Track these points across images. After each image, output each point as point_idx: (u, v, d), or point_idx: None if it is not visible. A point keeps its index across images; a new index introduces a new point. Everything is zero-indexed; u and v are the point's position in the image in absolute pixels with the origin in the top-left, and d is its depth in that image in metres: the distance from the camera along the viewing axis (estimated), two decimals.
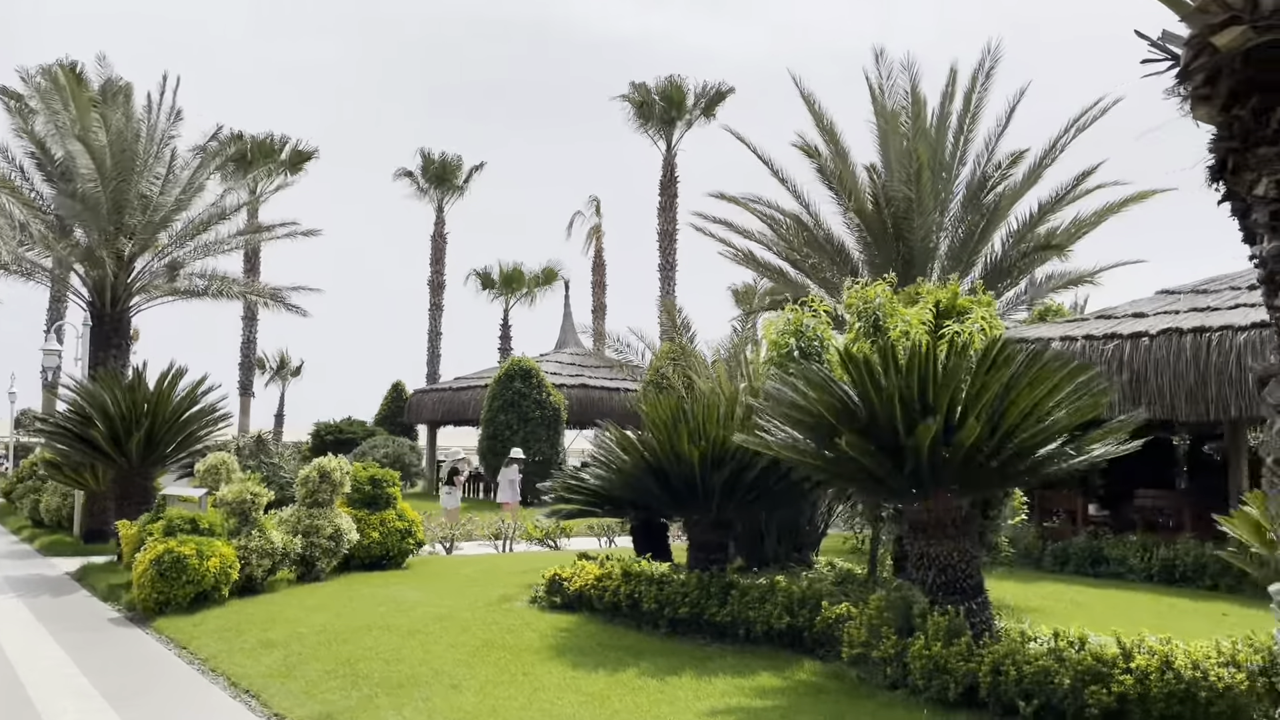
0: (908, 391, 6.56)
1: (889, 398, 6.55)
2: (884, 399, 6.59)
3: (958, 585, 7.19)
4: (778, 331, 9.68)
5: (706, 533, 9.30)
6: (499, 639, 8.58)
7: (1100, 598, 11.36)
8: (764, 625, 8.31)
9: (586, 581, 9.74)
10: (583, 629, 9.04)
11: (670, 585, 9.01)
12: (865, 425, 6.77)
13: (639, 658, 7.98)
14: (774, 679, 7.36)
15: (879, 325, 9.18)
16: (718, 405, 8.84)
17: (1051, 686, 6.14)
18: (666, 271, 43.02)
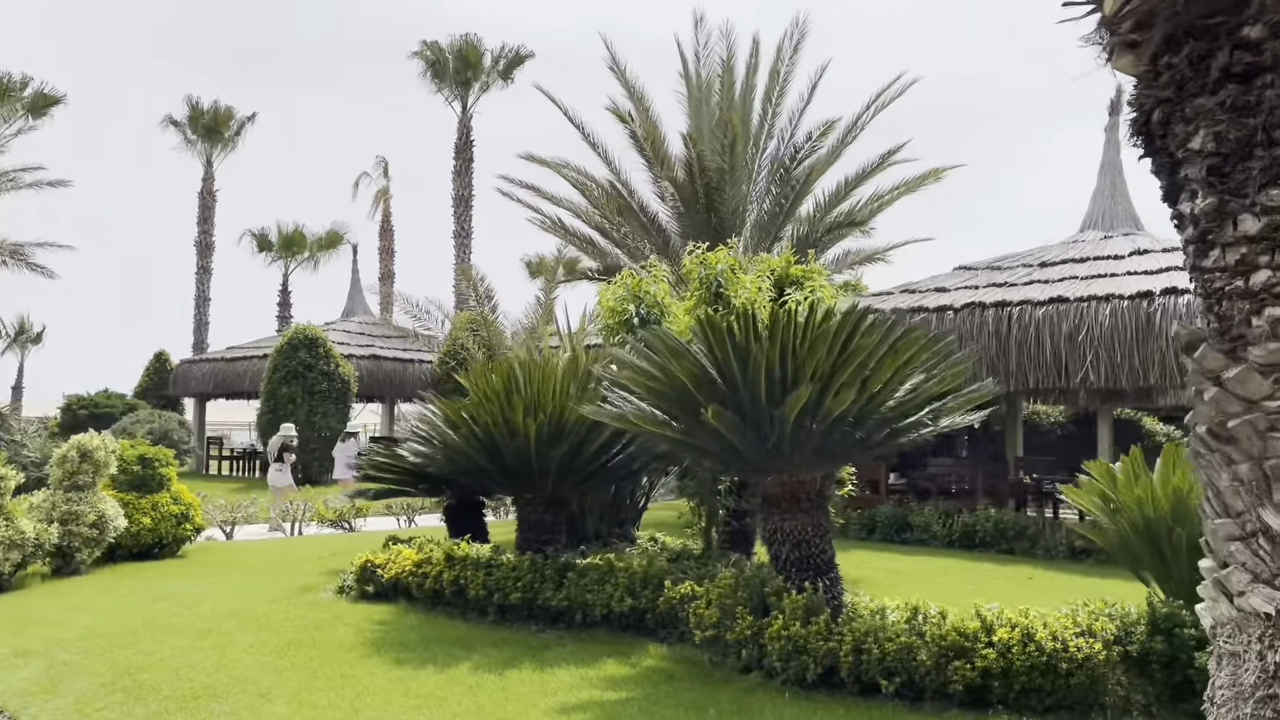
0: (775, 360, 6.18)
1: (756, 367, 6.16)
2: (751, 368, 6.19)
3: (811, 561, 6.94)
4: (616, 298, 9.14)
5: (540, 512, 8.68)
6: (307, 637, 7.64)
7: (914, 565, 11.60)
8: (604, 608, 7.80)
9: (404, 568, 8.91)
10: (402, 620, 8.23)
11: (499, 569, 8.35)
12: (729, 396, 6.35)
13: (470, 650, 7.29)
14: (620, 666, 6.87)
15: (720, 293, 8.82)
16: (554, 374, 8.21)
17: (914, 664, 5.97)
18: (462, 239, 41.62)
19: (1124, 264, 14.06)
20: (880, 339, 6.47)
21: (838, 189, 18.89)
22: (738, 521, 9.97)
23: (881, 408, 6.39)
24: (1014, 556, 12.73)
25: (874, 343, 6.42)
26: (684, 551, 9.26)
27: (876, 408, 6.39)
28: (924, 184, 18.98)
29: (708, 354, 6.53)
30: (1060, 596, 9.96)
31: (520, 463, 8.26)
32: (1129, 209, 16.57)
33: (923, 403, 6.47)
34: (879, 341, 6.47)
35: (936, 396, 6.68)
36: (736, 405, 6.37)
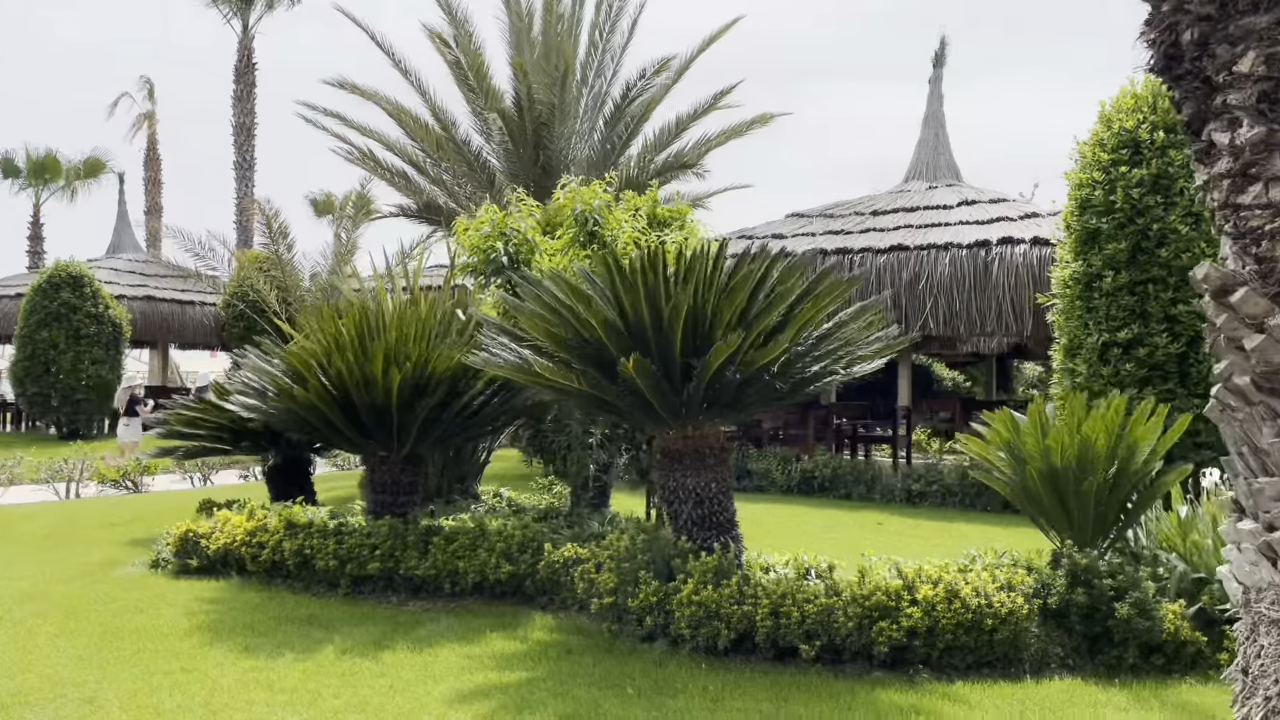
0: (692, 305, 5.61)
1: (675, 312, 5.57)
2: (668, 314, 5.60)
3: (715, 519, 6.49)
4: (480, 235, 8.26)
5: (396, 471, 7.79)
6: (128, 623, 6.51)
7: (764, 512, 11.45)
8: (477, 576, 7.08)
9: (234, 538, 7.82)
10: (239, 599, 7.19)
11: (352, 536, 7.44)
12: (641, 344, 5.74)
13: (330, 631, 6.41)
14: (509, 641, 6.21)
15: (594, 232, 8.13)
16: (418, 320, 7.30)
17: (836, 626, 5.64)
18: (244, 170, 38.51)
19: (954, 214, 14.39)
20: (797, 282, 6.04)
21: (667, 129, 18.45)
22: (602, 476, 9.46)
23: (807, 356, 5.96)
24: (853, 501, 12.90)
25: (794, 286, 5.99)
26: (550, 510, 8.63)
27: (802, 356, 5.96)
28: (751, 129, 18.85)
29: (612, 299, 5.88)
30: (914, 540, 10.08)
31: (378, 418, 7.34)
32: (950, 160, 17.04)
33: (839, 349, 6.09)
34: (797, 285, 6.04)
35: (849, 342, 6.33)
36: (649, 355, 5.77)
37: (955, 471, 12.74)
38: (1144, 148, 10.42)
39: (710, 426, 6.45)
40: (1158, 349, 10.00)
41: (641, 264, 5.66)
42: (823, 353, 6.04)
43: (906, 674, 5.59)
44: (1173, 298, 10.02)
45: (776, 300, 5.77)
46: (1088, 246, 10.62)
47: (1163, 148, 10.34)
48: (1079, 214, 10.78)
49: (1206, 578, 6.09)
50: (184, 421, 9.53)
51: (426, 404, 7.17)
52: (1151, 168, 10.27)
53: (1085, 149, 11.00)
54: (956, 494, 12.66)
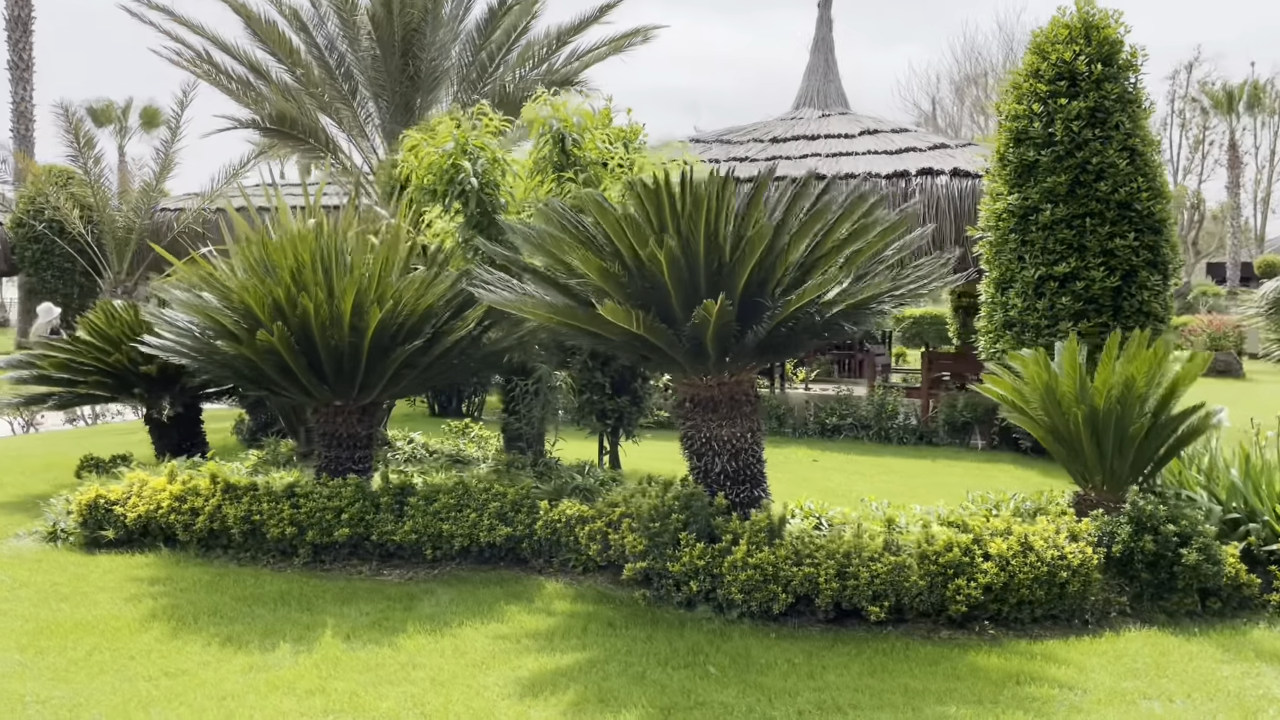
0: (770, 240, 4.99)
1: (750, 247, 4.93)
2: (743, 249, 4.94)
3: (749, 472, 5.97)
4: (440, 153, 7.21)
5: (353, 423, 6.80)
6: (61, 615, 5.37)
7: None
8: (465, 540, 6.30)
9: (158, 504, 6.66)
10: (183, 577, 6.12)
11: (311, 499, 6.46)
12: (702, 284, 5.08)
13: (316, 612, 5.51)
14: (533, 616, 5.51)
15: (568, 154, 7.25)
16: (387, 250, 6.29)
17: (906, 585, 5.27)
18: (20, 72, 34.19)
19: (857, 143, 14.17)
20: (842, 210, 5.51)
21: (547, 40, 17.32)
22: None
23: (862, 291, 5.45)
24: (769, 435, 12.68)
25: (836, 216, 5.45)
26: (512, 461, 7.86)
27: (855, 290, 5.45)
28: (630, 43, 17.98)
29: (674, 232, 5.16)
30: (859, 477, 9.94)
31: (342, 363, 6.33)
32: (839, 88, 16.81)
33: (887, 283, 5.61)
34: (845, 214, 5.51)
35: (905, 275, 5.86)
36: (701, 295, 5.12)
37: (868, 405, 12.72)
38: (1081, 80, 10.41)
39: (747, 371, 5.88)
40: (1095, 283, 10.11)
41: (711, 194, 4.97)
42: (875, 286, 5.53)
43: (974, 631, 5.30)
44: (1110, 231, 10.13)
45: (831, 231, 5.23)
46: (1024, 179, 10.58)
47: (1099, 80, 10.35)
48: (1014, 146, 10.71)
49: (1239, 518, 6.09)
50: (57, 365, 8.10)
51: (406, 349, 6.22)
52: (1089, 100, 10.27)
53: (1019, 79, 10.90)
54: (870, 427, 12.66)
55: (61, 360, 8.06)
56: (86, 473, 8.27)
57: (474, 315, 6.46)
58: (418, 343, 6.22)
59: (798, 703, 4.35)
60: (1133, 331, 10.00)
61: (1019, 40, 44.77)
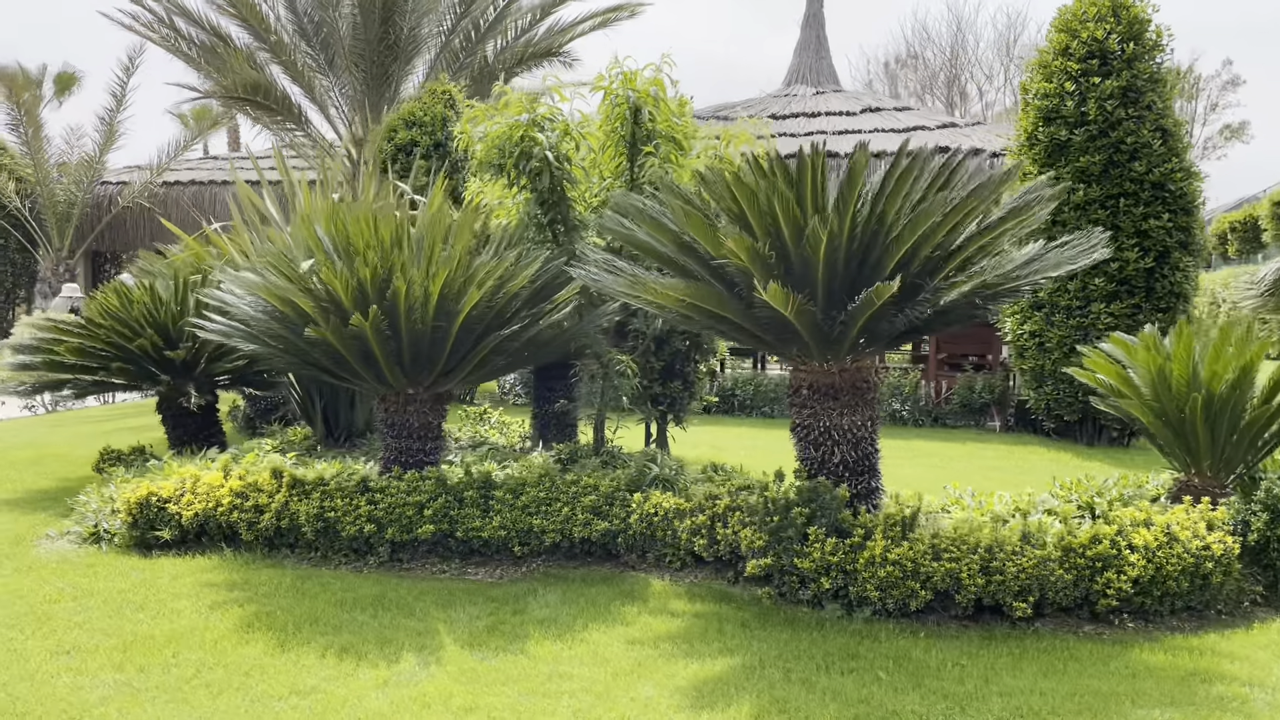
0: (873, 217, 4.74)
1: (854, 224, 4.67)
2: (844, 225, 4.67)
3: (867, 462, 5.71)
4: (510, 124, 6.73)
5: (425, 412, 6.36)
6: (146, 628, 4.88)
7: (734, 436, 10.78)
8: (557, 535, 5.94)
9: (217, 501, 6.16)
10: (257, 580, 5.64)
11: (389, 494, 6.03)
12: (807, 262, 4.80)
13: (419, 617, 5.11)
14: (654, 617, 5.19)
15: (641, 126, 6.84)
16: (466, 228, 5.84)
17: (1050, 580, 5.07)
18: None
19: (859, 120, 13.97)
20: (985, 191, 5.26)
21: (532, 11, 16.75)
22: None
23: (1021, 273, 5.22)
24: (776, 419, 12.50)
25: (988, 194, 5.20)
26: (579, 451, 7.48)
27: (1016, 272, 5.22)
28: (617, 17, 17.51)
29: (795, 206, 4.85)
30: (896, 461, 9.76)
31: (426, 349, 5.88)
32: (831, 66, 16.58)
33: (1049, 263, 5.39)
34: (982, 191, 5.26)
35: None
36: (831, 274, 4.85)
37: (884, 388, 12.60)
38: (1112, 59, 10.33)
39: (868, 357, 5.61)
40: (1129, 264, 10.07)
41: (856, 171, 4.68)
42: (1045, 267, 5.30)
43: (1113, 625, 5.14)
44: (1144, 212, 10.09)
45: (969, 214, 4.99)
46: (1054, 158, 10.49)
47: (1130, 59, 10.28)
48: (1044, 124, 10.61)
49: None
50: (75, 351, 7.48)
51: (500, 334, 5.81)
52: (1121, 79, 10.20)
53: (1047, 57, 10.78)
54: (881, 410, 12.53)
55: (79, 345, 7.44)
56: (110, 466, 7.68)
57: (564, 297, 6.06)
58: (515, 327, 5.81)
59: (992, 709, 4.11)
60: (1168, 314, 10.00)
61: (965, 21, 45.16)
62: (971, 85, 41.26)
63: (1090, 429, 10.82)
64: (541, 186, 6.80)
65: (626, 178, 7.03)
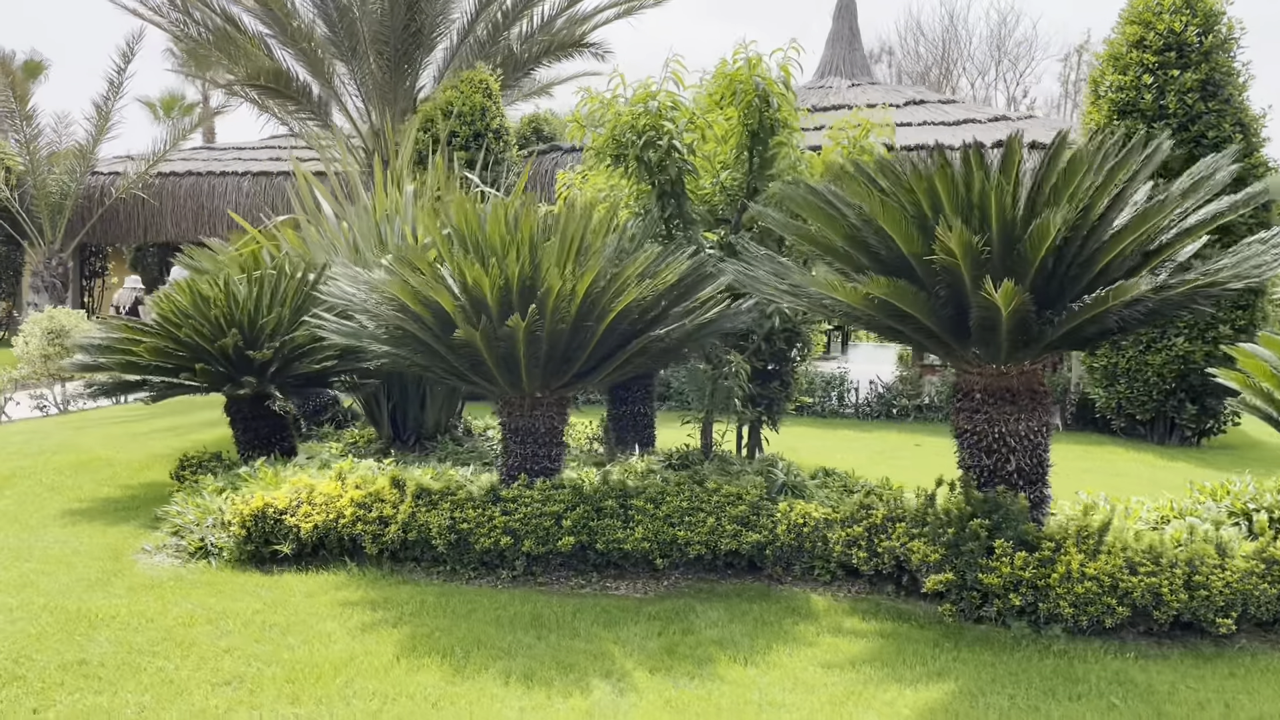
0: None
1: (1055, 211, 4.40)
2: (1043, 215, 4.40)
3: (1039, 470, 5.43)
4: (634, 112, 6.34)
5: (550, 416, 6.00)
6: (300, 653, 4.49)
7: (797, 436, 10.49)
8: (702, 547, 5.61)
9: (338, 512, 5.76)
10: (397, 597, 5.26)
11: (524, 503, 5.67)
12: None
13: (585, 637, 4.77)
14: (833, 636, 4.89)
15: (769, 114, 6.51)
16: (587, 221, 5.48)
17: (1255, 595, 4.83)
18: None
19: (905, 113, 13.73)
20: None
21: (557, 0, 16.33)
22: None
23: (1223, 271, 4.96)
24: (825, 418, 12.25)
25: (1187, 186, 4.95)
26: (689, 456, 7.16)
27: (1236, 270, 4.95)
28: (642, 5, 17.11)
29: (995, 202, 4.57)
30: None
31: (564, 350, 5.53)
32: (864, 58, 16.34)
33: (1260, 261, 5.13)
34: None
35: None
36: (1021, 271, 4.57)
37: (933, 387, 12.38)
38: (1190, 51, 10.14)
39: (1043, 358, 5.34)
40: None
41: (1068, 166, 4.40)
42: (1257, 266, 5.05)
43: None
44: None
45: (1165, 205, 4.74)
46: None
47: (1208, 51, 10.10)
48: (1118, 118, 10.40)
49: None
50: (154, 351, 7.03)
51: (650, 335, 5.46)
52: (1200, 71, 10.02)
53: (1120, 49, 10.58)
54: (942, 408, 12.32)
55: (158, 346, 6.99)
56: (191, 474, 7.24)
57: (706, 295, 5.73)
58: (668, 328, 5.46)
59: None
60: (1247, 312, 9.82)
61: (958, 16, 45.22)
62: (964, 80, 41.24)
63: (1162, 428, 10.66)
64: (663, 179, 6.45)
65: (746, 170, 6.70)
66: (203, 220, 22.90)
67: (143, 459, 9.28)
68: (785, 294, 5.28)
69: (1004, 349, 4.95)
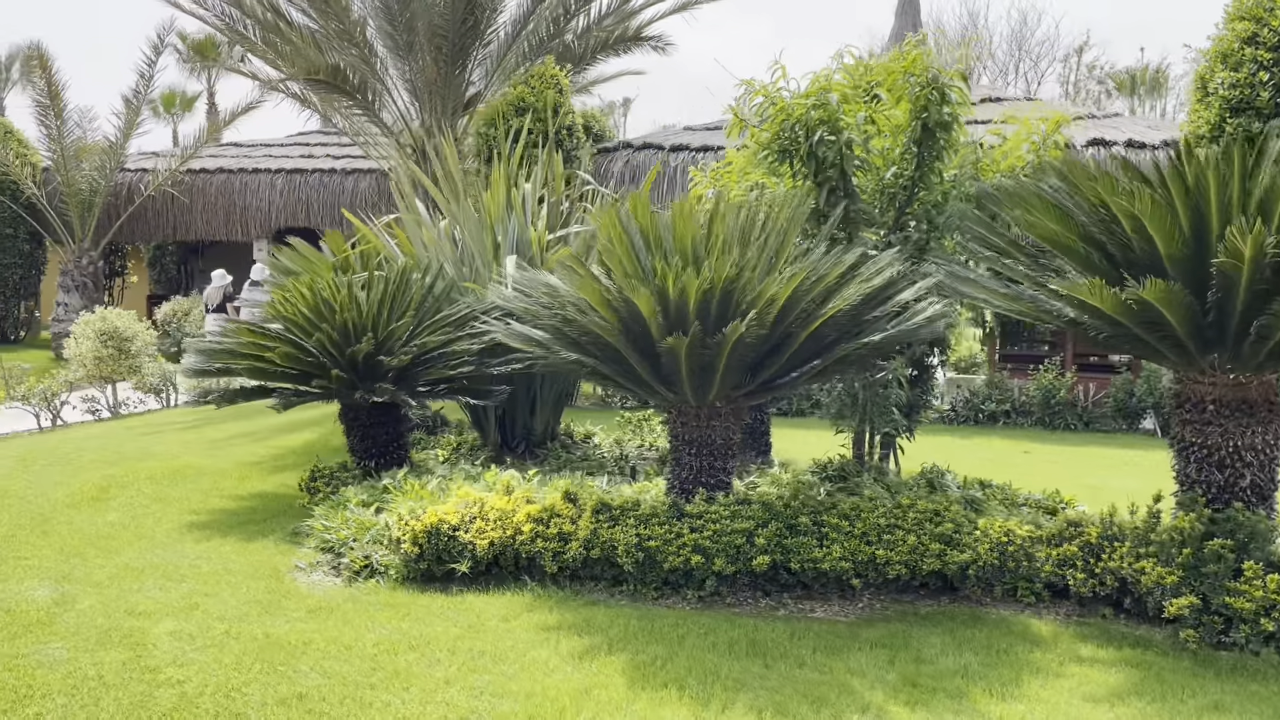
0: None
1: None
2: None
3: (1270, 486, 5.13)
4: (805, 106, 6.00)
5: (728, 426, 5.67)
6: (525, 685, 4.16)
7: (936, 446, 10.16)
8: (902, 567, 5.29)
9: (516, 529, 5.43)
10: (595, 621, 4.93)
11: (712, 520, 5.34)
12: None
13: (812, 667, 4.46)
14: (1092, 668, 4.58)
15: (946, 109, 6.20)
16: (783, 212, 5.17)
17: None
18: None
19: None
20: None
21: None
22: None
23: None
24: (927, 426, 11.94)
25: None
26: (836, 467, 6.85)
27: None
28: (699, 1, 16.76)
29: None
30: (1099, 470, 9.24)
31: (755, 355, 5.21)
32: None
33: None
34: None
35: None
36: None
37: (1036, 390, 12.07)
38: None
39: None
40: None
41: None
42: None
43: None
44: None
45: None
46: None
47: None
48: (1231, 115, 10.12)
49: None
50: (287, 358, 6.69)
51: (862, 340, 5.15)
52: None
53: (1230, 46, 10.29)
54: (1032, 413, 12.03)
55: (291, 352, 6.65)
56: (323, 485, 6.90)
57: (906, 299, 5.42)
58: (884, 334, 5.15)
59: None
60: None
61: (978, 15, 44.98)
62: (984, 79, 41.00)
63: None
64: (833, 176, 6.14)
65: (913, 167, 6.39)
66: (234, 218, 22.53)
67: (232, 467, 8.92)
68: (1003, 299, 4.97)
69: (1247, 356, 4.64)
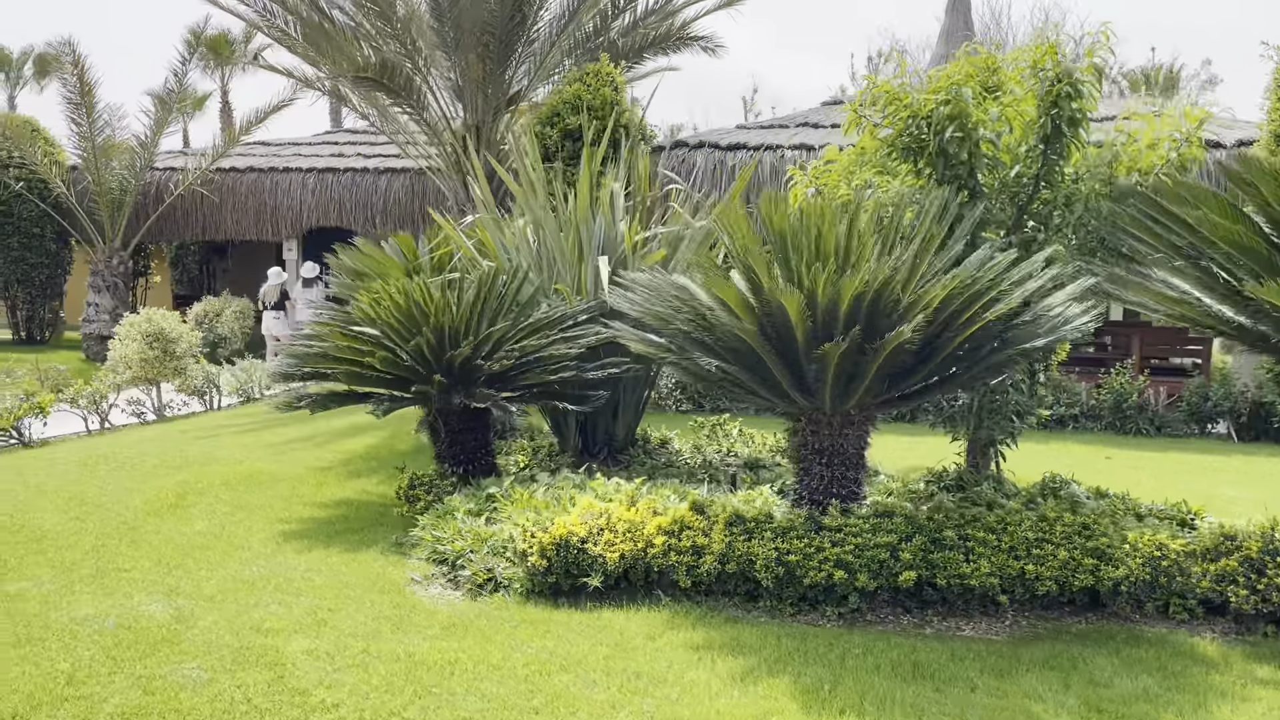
0: None
1: None
2: None
3: None
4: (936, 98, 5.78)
5: (858, 434, 5.46)
6: (698, 708, 3.94)
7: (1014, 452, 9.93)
8: (1052, 584, 5.07)
9: (647, 542, 5.21)
10: (745, 640, 4.70)
11: (852, 533, 5.12)
12: None
13: (996, 694, 4.23)
14: (1267, 688, 4.35)
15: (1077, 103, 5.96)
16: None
17: None
18: None
19: None
20: None
21: None
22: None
23: None
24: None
25: None
26: (953, 476, 6.63)
27: None
28: None
29: None
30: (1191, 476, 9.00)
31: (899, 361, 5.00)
32: None
33: None
34: None
35: None
36: None
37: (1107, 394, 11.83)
38: None
39: None
40: None
41: None
42: None
43: None
44: None
45: None
46: None
47: None
48: None
49: None
50: (388, 363, 6.47)
51: (1022, 346, 4.93)
52: None
53: None
54: (1101, 417, 11.79)
55: (387, 356, 6.44)
56: (423, 494, 6.69)
57: (1060, 301, 5.19)
58: (1045, 339, 4.92)
59: None
60: None
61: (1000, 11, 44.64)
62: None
63: None
64: (962, 174, 5.92)
65: (1038, 165, 6.16)
66: (264, 218, 22.35)
67: (304, 473, 8.72)
68: (1168, 302, 4.75)
69: None
